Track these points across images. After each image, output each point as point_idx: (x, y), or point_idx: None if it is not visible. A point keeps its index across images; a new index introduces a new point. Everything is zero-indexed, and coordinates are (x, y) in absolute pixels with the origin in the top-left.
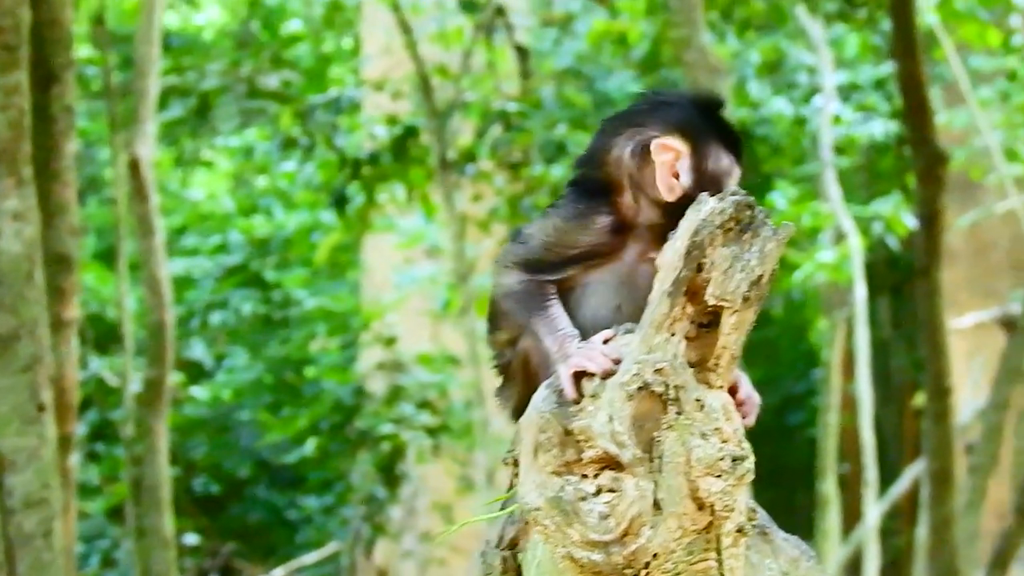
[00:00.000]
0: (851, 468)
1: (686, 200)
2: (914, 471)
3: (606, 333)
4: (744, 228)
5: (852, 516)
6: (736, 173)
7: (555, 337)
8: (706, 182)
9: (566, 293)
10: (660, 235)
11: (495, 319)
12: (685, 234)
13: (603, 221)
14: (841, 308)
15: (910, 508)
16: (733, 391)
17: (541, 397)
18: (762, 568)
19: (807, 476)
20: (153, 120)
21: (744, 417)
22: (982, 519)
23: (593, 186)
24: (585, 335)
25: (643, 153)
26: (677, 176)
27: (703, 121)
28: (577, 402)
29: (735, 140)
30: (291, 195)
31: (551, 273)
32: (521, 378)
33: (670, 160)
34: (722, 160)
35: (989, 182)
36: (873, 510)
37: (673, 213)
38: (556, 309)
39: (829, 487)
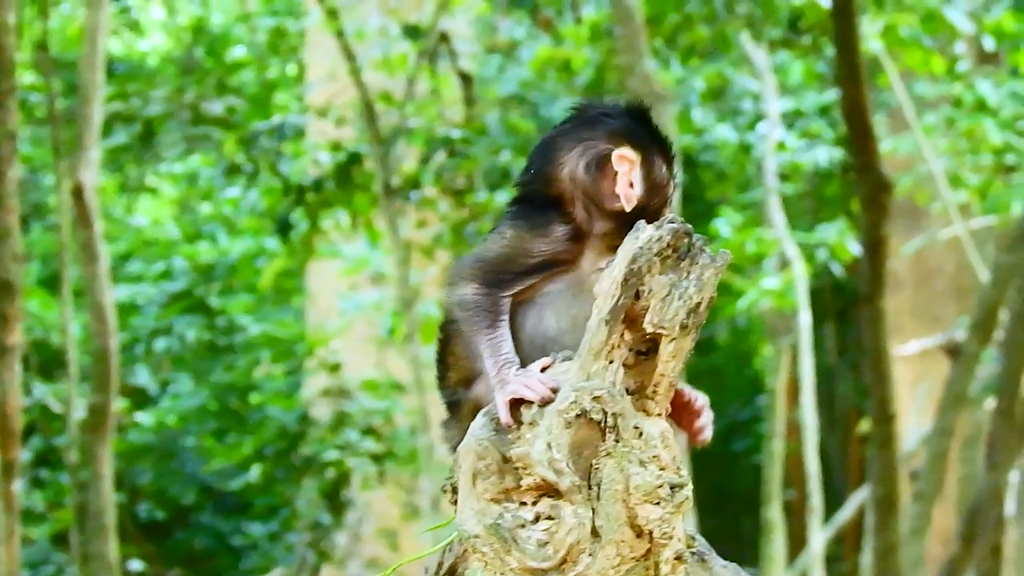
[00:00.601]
0: (796, 494)
1: (637, 210)
2: (859, 497)
3: (544, 361)
4: (682, 256)
5: (797, 542)
6: (674, 182)
7: (496, 360)
8: (653, 190)
9: (523, 305)
10: (611, 245)
11: (444, 357)
12: (622, 262)
13: (561, 230)
14: (786, 335)
15: (855, 534)
16: (691, 413)
17: (479, 424)
18: None
19: (752, 502)
20: (97, 146)
21: (701, 434)
22: (927, 545)
23: (542, 202)
24: (541, 346)
25: (599, 165)
26: (631, 185)
27: (643, 130)
28: (514, 428)
29: (670, 148)
30: (235, 221)
31: (509, 285)
32: (471, 420)
33: (627, 170)
34: (663, 168)
35: (934, 209)
36: (818, 536)
37: (626, 223)
38: (504, 331)
39: (774, 513)
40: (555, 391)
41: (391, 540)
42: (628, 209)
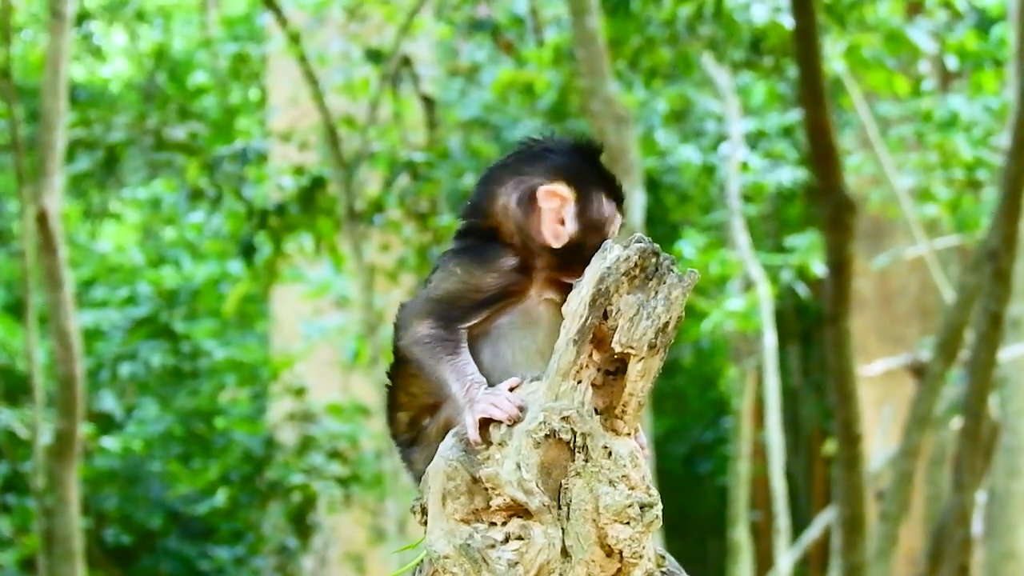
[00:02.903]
0: (762, 516)
1: (573, 246)
2: (825, 518)
3: (512, 381)
4: (649, 275)
5: (764, 564)
6: (618, 220)
7: (462, 383)
8: (590, 228)
9: (476, 339)
10: (551, 279)
11: (396, 400)
12: (590, 281)
13: (509, 262)
14: (750, 356)
15: (821, 555)
16: None
17: (448, 445)
18: None
19: (717, 524)
20: (60, 173)
21: None
22: (894, 566)
23: (483, 234)
24: (499, 378)
25: (529, 200)
26: (563, 222)
27: (586, 168)
28: (485, 447)
29: (616, 187)
30: (199, 246)
31: (463, 319)
32: (439, 443)
33: (556, 207)
34: (605, 207)
35: (897, 228)
36: (785, 558)
37: (563, 258)
38: (465, 355)
39: (741, 535)
40: (522, 410)
41: (357, 564)
42: (556, 246)
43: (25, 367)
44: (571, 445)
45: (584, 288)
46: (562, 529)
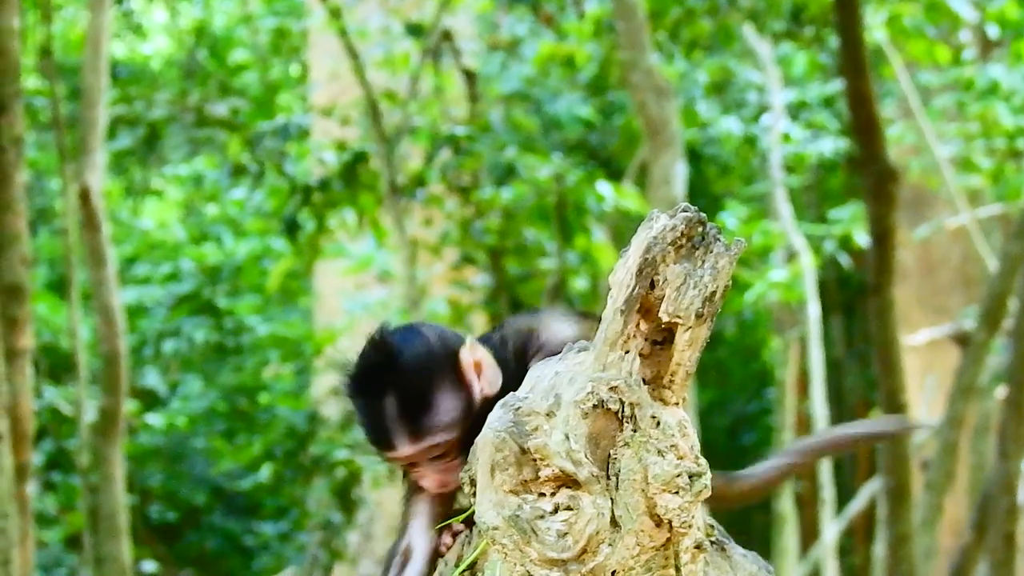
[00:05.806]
0: (807, 487)
1: None
2: (870, 489)
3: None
4: (696, 244)
5: (809, 534)
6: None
7: None
8: None
9: None
10: None
11: None
12: (637, 251)
13: None
14: (793, 327)
15: (865, 526)
16: None
17: (496, 416)
18: None
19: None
20: (102, 150)
21: None
22: (939, 536)
23: None
24: None
25: None
26: None
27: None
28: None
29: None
30: (241, 222)
31: None
32: None
33: None
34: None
35: (939, 198)
36: (830, 528)
37: None
38: None
39: (786, 506)
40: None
41: None
42: None
43: (69, 345)
44: (619, 415)
45: (631, 258)
46: (611, 499)
